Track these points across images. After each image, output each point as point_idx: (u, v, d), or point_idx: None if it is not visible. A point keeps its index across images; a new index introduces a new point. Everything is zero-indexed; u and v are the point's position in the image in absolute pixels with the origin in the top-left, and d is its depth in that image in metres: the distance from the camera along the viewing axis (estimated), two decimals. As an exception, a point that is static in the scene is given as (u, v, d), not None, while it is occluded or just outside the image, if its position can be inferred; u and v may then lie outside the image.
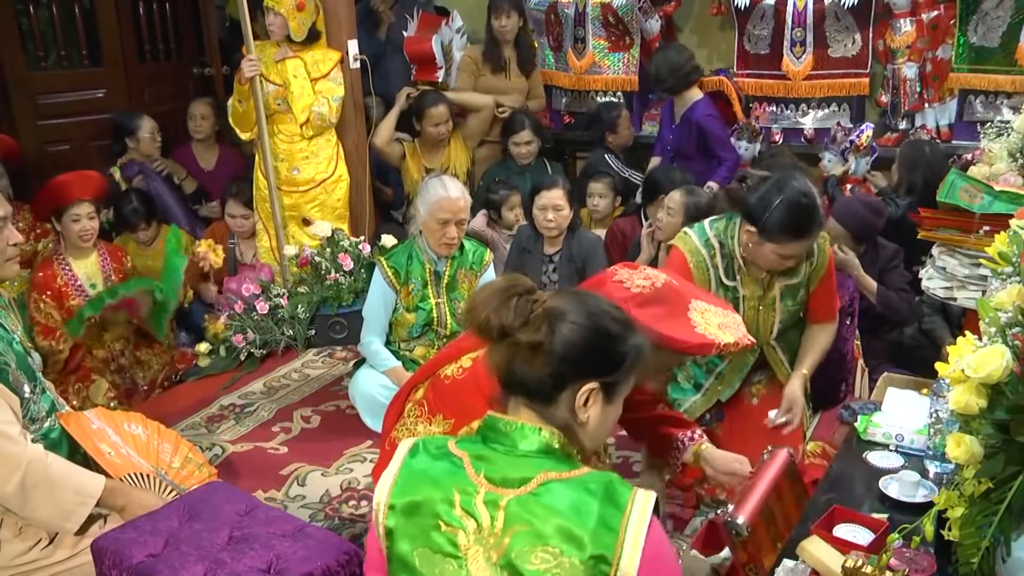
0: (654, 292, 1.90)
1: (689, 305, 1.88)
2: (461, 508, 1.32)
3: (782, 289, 2.53)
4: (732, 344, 1.87)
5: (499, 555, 1.29)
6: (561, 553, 1.26)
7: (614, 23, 4.94)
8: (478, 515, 1.31)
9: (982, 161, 3.04)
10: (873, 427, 2.22)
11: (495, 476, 1.33)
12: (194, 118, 4.97)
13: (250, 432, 3.34)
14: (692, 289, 1.98)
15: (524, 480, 1.32)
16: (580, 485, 1.31)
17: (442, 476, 1.36)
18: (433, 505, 1.34)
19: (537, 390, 1.37)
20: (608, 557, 1.25)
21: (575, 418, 1.38)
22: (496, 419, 1.39)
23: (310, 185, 4.19)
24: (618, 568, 1.25)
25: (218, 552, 1.91)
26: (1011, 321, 1.49)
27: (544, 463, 1.34)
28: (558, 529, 1.27)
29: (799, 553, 1.73)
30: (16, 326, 2.29)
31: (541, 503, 1.30)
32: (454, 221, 3.06)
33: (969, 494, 1.46)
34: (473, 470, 1.34)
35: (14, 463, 2.00)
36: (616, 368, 1.40)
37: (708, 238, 2.52)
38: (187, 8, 5.67)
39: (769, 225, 2.35)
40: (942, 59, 4.31)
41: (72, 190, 3.56)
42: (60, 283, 3.60)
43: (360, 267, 3.87)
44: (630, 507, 1.29)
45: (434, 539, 1.33)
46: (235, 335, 3.88)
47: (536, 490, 1.31)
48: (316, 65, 4.10)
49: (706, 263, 2.49)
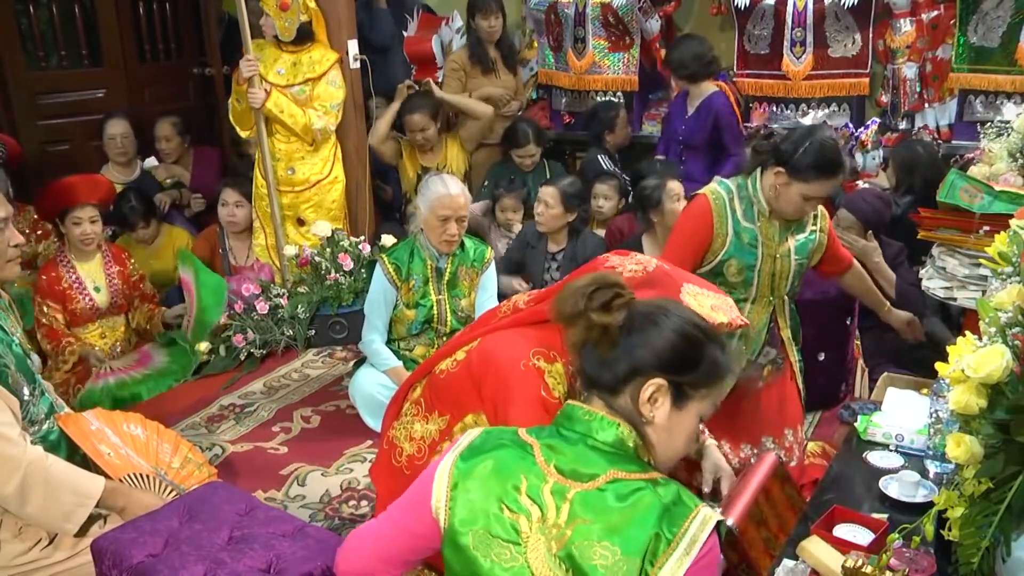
0: (646, 276, 1.91)
1: (681, 288, 1.89)
2: (527, 496, 1.32)
3: (795, 244, 2.62)
4: (726, 324, 1.89)
5: (560, 546, 1.29)
6: (619, 552, 1.27)
7: (614, 23, 4.93)
8: (544, 504, 1.32)
9: (982, 161, 3.05)
10: (873, 427, 2.22)
11: (565, 467, 1.34)
12: (159, 140, 4.93)
13: (250, 432, 3.34)
14: (684, 274, 1.99)
15: (593, 475, 1.33)
16: (646, 489, 1.32)
17: (510, 460, 1.36)
18: (499, 488, 1.34)
19: (605, 379, 1.38)
20: (655, 561, 1.26)
21: (640, 415, 1.37)
22: (576, 407, 1.40)
23: (304, 186, 4.18)
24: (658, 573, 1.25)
25: (218, 552, 1.91)
26: (1011, 321, 1.49)
27: (614, 461, 1.34)
28: (619, 528, 1.28)
29: (799, 553, 1.73)
30: (16, 328, 2.29)
31: (607, 500, 1.30)
32: (454, 218, 3.08)
33: (969, 494, 1.46)
34: (543, 458, 1.35)
35: (13, 465, 2.00)
36: (687, 369, 1.38)
37: (727, 185, 2.63)
38: (187, 8, 5.67)
39: (799, 164, 2.44)
40: (942, 59, 4.31)
41: (76, 193, 3.57)
42: (64, 285, 3.60)
43: (360, 267, 3.87)
44: (689, 522, 1.29)
45: (493, 523, 1.33)
46: (235, 335, 3.88)
47: (603, 486, 1.32)
48: (312, 66, 4.08)
49: (724, 202, 2.58)
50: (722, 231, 2.56)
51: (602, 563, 1.26)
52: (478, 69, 4.81)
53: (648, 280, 1.91)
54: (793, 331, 2.74)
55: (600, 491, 1.31)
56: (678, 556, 1.26)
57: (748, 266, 2.57)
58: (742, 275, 2.58)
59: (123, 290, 3.73)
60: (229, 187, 4.31)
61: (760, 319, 2.64)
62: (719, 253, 2.58)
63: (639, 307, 1.41)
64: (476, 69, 4.81)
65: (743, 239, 2.56)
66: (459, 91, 4.80)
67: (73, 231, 3.57)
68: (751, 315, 2.63)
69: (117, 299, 3.72)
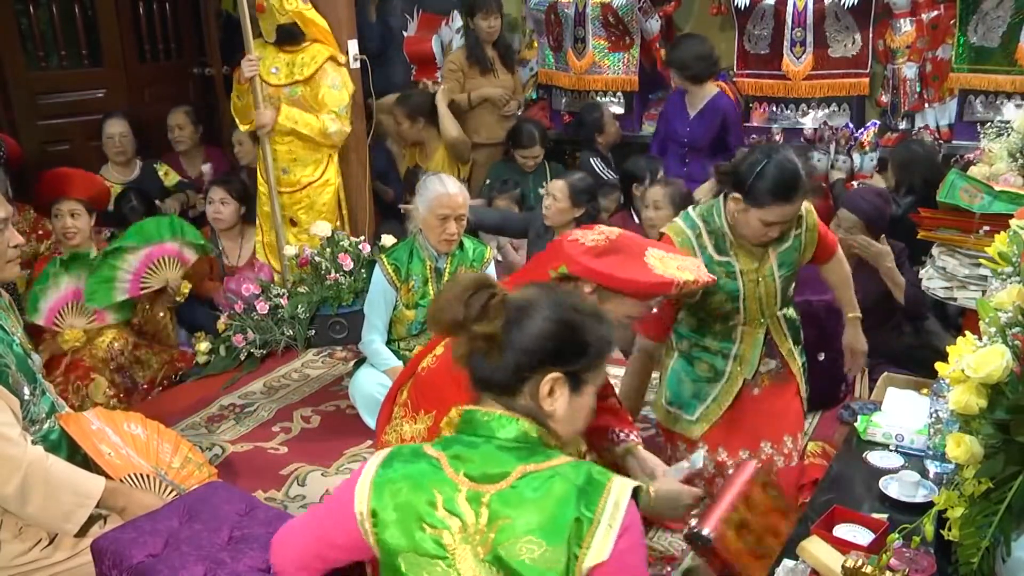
0: (609, 243, 1.95)
1: (645, 252, 1.92)
2: (444, 508, 1.33)
3: (776, 257, 2.55)
4: (692, 282, 1.91)
5: (486, 551, 1.31)
6: (544, 543, 1.28)
7: (614, 23, 4.94)
8: (462, 513, 1.33)
9: (982, 161, 3.05)
10: (873, 427, 2.22)
11: (475, 473, 1.35)
12: (172, 129, 4.93)
13: (250, 432, 3.34)
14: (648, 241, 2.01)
15: (504, 474, 1.34)
16: (558, 476, 1.33)
17: (421, 478, 1.37)
18: (415, 508, 1.35)
19: (499, 382, 1.39)
20: (578, 542, 1.28)
21: (542, 410, 1.39)
22: (475, 411, 1.41)
23: (295, 187, 4.18)
24: (587, 552, 1.27)
25: (218, 552, 1.91)
26: (1011, 321, 1.49)
27: (522, 456, 1.36)
28: (539, 520, 1.30)
29: (799, 553, 1.73)
30: (17, 328, 2.29)
31: (522, 496, 1.32)
32: (453, 216, 3.07)
33: (969, 494, 1.46)
34: (452, 469, 1.36)
35: (14, 465, 2.00)
36: (579, 358, 1.40)
37: (693, 220, 2.55)
38: (187, 8, 5.67)
39: (755, 189, 2.37)
40: (942, 59, 4.31)
41: (62, 185, 3.56)
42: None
43: (360, 267, 3.87)
44: (606, 495, 1.31)
45: (419, 542, 1.34)
46: (235, 335, 3.88)
47: (516, 483, 1.33)
48: (302, 68, 4.06)
49: (691, 242, 2.51)
50: None
51: (530, 557, 1.28)
52: (476, 69, 4.81)
53: (611, 247, 1.95)
54: (794, 339, 2.70)
55: (514, 488, 1.33)
56: (603, 531, 1.28)
57: (732, 297, 2.53)
58: (728, 305, 2.55)
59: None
60: (216, 185, 4.31)
61: (754, 338, 2.61)
62: (697, 291, 2.51)
63: (512, 302, 1.40)
64: (474, 69, 4.81)
65: (720, 273, 2.50)
66: (457, 91, 4.81)
67: (55, 224, 3.56)
68: (744, 336, 2.61)
69: (114, 298, 3.70)
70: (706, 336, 2.63)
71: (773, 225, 2.42)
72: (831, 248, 2.73)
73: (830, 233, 2.76)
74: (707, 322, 2.61)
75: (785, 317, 2.66)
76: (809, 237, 2.60)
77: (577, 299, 1.46)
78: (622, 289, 1.90)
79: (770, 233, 2.44)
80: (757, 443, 2.67)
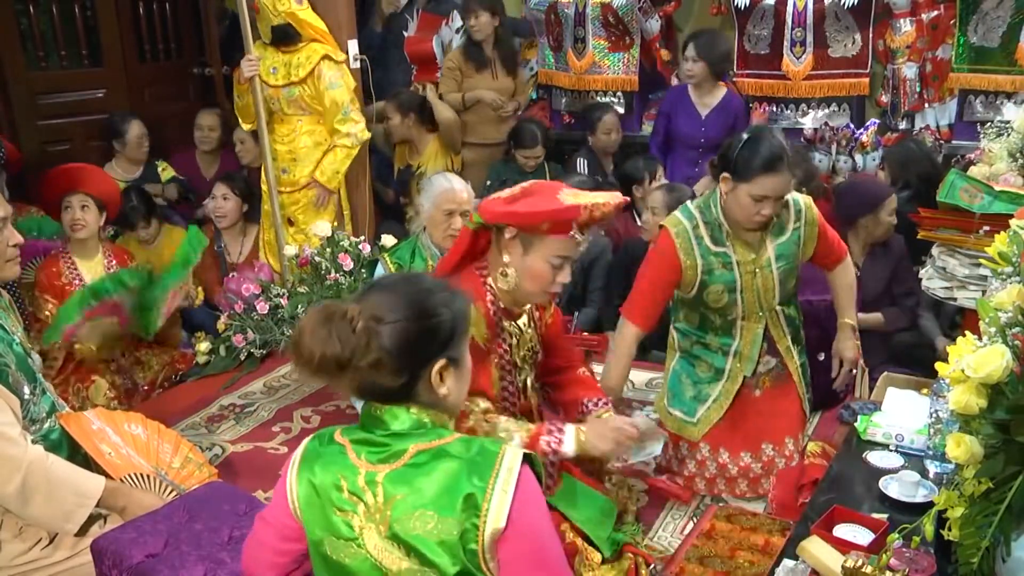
0: (522, 191, 2.02)
1: (560, 191, 1.97)
2: (348, 492, 1.37)
3: (774, 249, 2.56)
4: (604, 204, 1.95)
5: (386, 528, 1.35)
6: (436, 514, 1.32)
7: (614, 23, 4.94)
8: (362, 495, 1.37)
9: (982, 161, 3.05)
10: (873, 427, 2.22)
11: (373, 458, 1.38)
12: (202, 129, 4.96)
13: (250, 432, 3.34)
14: (564, 185, 2.06)
15: (398, 454, 1.37)
16: (450, 450, 1.37)
17: (329, 461, 1.41)
18: (327, 492, 1.39)
19: (395, 392, 1.39)
20: (475, 511, 1.30)
21: (436, 395, 1.41)
22: (372, 406, 1.43)
23: (295, 187, 4.18)
24: (486, 520, 1.30)
25: (218, 552, 1.91)
26: (1011, 321, 1.49)
27: (417, 438, 1.39)
28: (432, 494, 1.33)
29: (799, 553, 1.73)
30: (17, 327, 2.29)
31: (415, 473, 1.35)
32: (458, 212, 3.10)
33: (969, 494, 1.46)
34: (355, 454, 1.40)
35: (14, 465, 2.00)
36: (450, 340, 1.42)
37: (690, 212, 2.58)
38: (187, 8, 5.67)
39: (739, 165, 2.42)
40: (942, 59, 4.31)
41: (72, 178, 3.56)
42: (63, 281, 3.58)
43: (360, 267, 3.87)
44: (498, 464, 1.34)
45: (335, 525, 1.39)
46: (235, 335, 3.88)
47: (409, 461, 1.36)
48: (298, 68, 4.06)
49: (688, 232, 2.54)
50: (690, 262, 2.54)
51: (424, 530, 1.32)
52: (472, 68, 4.81)
53: (524, 193, 2.01)
54: (793, 337, 2.71)
55: (407, 466, 1.36)
56: (498, 497, 1.31)
57: (729, 289, 2.55)
58: (725, 297, 2.56)
59: (123, 290, 3.73)
60: (220, 181, 4.38)
61: (753, 334, 2.62)
62: (693, 283, 2.56)
63: (372, 322, 1.35)
64: (471, 68, 4.81)
65: (716, 264, 2.53)
66: (455, 90, 4.82)
67: (64, 217, 3.57)
68: (744, 332, 2.62)
69: (116, 298, 3.71)
70: (707, 333, 2.65)
71: (763, 201, 2.42)
72: (838, 253, 2.73)
73: (838, 238, 2.74)
74: (707, 318, 2.62)
75: (784, 314, 2.66)
76: (809, 232, 2.60)
77: (423, 282, 1.45)
78: (535, 222, 1.94)
79: (762, 211, 2.44)
80: (759, 445, 2.68)
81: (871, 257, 3.50)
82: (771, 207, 2.45)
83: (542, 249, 1.97)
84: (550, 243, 1.97)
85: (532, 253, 1.98)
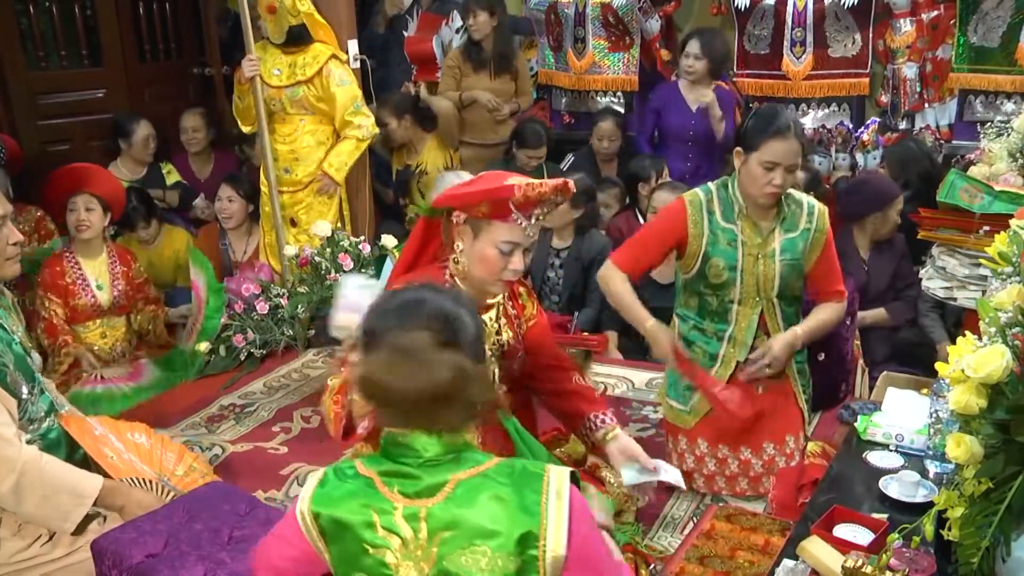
0: (477, 177, 2.11)
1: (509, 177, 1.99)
2: (382, 528, 1.32)
3: (782, 242, 2.57)
4: (540, 184, 1.96)
5: (430, 565, 1.30)
6: (490, 549, 1.28)
7: (614, 23, 4.94)
8: (400, 531, 1.31)
9: (982, 161, 3.05)
10: (873, 427, 2.22)
11: (408, 490, 1.33)
12: (186, 131, 4.93)
13: (250, 432, 3.34)
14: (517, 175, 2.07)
15: (438, 486, 1.32)
16: (492, 478, 1.32)
17: (357, 496, 1.34)
18: (356, 530, 1.33)
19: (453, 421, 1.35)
20: (533, 542, 1.27)
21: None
22: (394, 434, 1.37)
23: (298, 187, 4.18)
24: (545, 550, 1.27)
25: (218, 552, 1.91)
26: (1011, 321, 1.49)
27: (452, 466, 1.34)
28: (480, 526, 1.29)
29: (799, 553, 1.73)
30: (17, 327, 2.29)
31: (459, 505, 1.30)
32: None
33: (969, 494, 1.46)
34: (386, 488, 1.33)
35: (9, 465, 2.01)
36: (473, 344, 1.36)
37: (709, 188, 2.64)
38: (187, 8, 5.66)
39: (747, 136, 2.49)
40: (942, 59, 4.31)
41: (77, 179, 3.57)
42: (67, 280, 3.59)
43: (360, 267, 3.86)
44: (546, 488, 1.31)
45: (366, 564, 1.33)
46: (235, 335, 3.88)
47: (451, 494, 1.31)
48: (304, 68, 4.05)
49: (702, 204, 2.59)
50: (697, 231, 2.57)
51: (476, 566, 1.28)
52: (471, 68, 4.82)
53: (479, 178, 2.08)
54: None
55: (449, 499, 1.31)
56: (554, 524, 1.28)
57: (730, 266, 2.56)
58: (725, 275, 2.57)
59: (126, 290, 3.73)
60: (225, 183, 4.38)
61: (748, 320, 2.62)
62: (698, 254, 2.57)
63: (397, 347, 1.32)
64: (469, 68, 4.82)
65: (722, 239, 2.56)
66: (453, 89, 4.84)
67: (69, 218, 3.57)
68: (739, 317, 2.62)
69: (119, 299, 3.71)
70: (704, 319, 2.66)
71: (774, 170, 2.45)
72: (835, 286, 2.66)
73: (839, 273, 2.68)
74: (705, 301, 2.64)
75: (782, 308, 2.64)
76: (817, 237, 2.59)
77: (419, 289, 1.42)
78: (472, 202, 1.98)
79: (773, 181, 2.46)
80: (760, 443, 2.68)
81: (876, 253, 3.53)
82: (781, 176, 2.47)
83: (490, 234, 1.99)
84: (496, 228, 1.99)
85: (480, 239, 2.01)
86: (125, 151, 4.73)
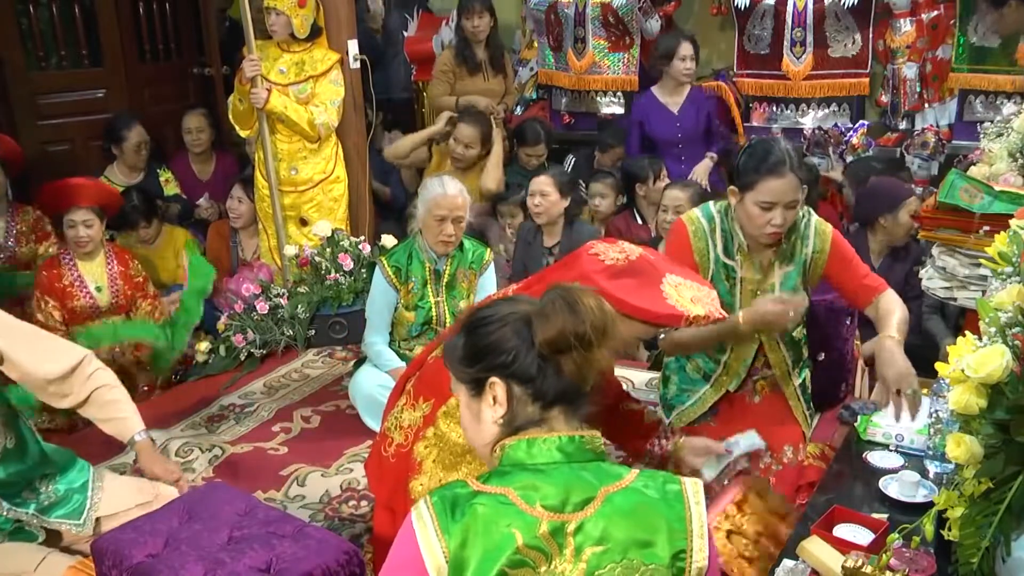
0: (627, 264, 1.90)
1: (663, 279, 1.88)
2: (526, 546, 1.25)
3: (781, 276, 2.50)
4: (703, 317, 1.87)
5: None
6: (642, 562, 1.26)
7: (614, 23, 4.94)
8: (545, 548, 1.25)
9: (982, 161, 3.05)
10: (873, 427, 2.22)
11: (552, 503, 1.27)
12: (190, 132, 4.92)
13: (250, 432, 3.34)
14: (668, 264, 1.98)
15: (587, 500, 1.28)
16: (638, 491, 1.30)
17: (494, 518, 1.26)
18: (494, 552, 1.24)
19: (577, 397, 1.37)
20: (682, 554, 1.27)
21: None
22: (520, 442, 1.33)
23: (308, 185, 4.19)
24: (692, 561, 1.27)
25: (218, 552, 1.91)
26: (1011, 321, 1.49)
27: (600, 476, 1.31)
28: (632, 539, 1.26)
29: (799, 553, 1.73)
30: None
31: (608, 519, 1.27)
32: (451, 218, 3.06)
33: (969, 494, 1.46)
34: (526, 503, 1.27)
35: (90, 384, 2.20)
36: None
37: (711, 213, 2.51)
38: (187, 8, 5.67)
39: (742, 173, 2.36)
40: (942, 59, 4.31)
41: (71, 195, 3.57)
42: (65, 283, 3.59)
43: (360, 267, 3.86)
44: (687, 500, 1.31)
45: None
46: (235, 335, 3.88)
47: (600, 507, 1.28)
48: (315, 64, 4.09)
49: (704, 232, 2.47)
50: (704, 258, 2.47)
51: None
52: (464, 70, 4.80)
53: (629, 268, 1.90)
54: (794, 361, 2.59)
55: (599, 513, 1.27)
56: (698, 536, 1.28)
57: (727, 304, 2.44)
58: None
59: (124, 290, 3.73)
60: (237, 183, 4.43)
61: (743, 356, 2.55)
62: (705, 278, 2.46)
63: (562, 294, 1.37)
64: (463, 70, 4.80)
65: (721, 273, 2.47)
66: (447, 93, 4.80)
67: (68, 234, 3.58)
68: (735, 351, 2.56)
69: (118, 299, 3.71)
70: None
71: (772, 209, 2.32)
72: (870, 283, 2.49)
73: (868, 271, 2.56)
74: None
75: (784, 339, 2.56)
76: (817, 259, 2.50)
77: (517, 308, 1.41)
78: (632, 315, 1.85)
79: (773, 220, 2.33)
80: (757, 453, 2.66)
81: (890, 259, 3.51)
82: (781, 215, 2.34)
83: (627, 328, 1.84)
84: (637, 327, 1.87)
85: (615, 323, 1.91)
86: (118, 156, 4.72)
